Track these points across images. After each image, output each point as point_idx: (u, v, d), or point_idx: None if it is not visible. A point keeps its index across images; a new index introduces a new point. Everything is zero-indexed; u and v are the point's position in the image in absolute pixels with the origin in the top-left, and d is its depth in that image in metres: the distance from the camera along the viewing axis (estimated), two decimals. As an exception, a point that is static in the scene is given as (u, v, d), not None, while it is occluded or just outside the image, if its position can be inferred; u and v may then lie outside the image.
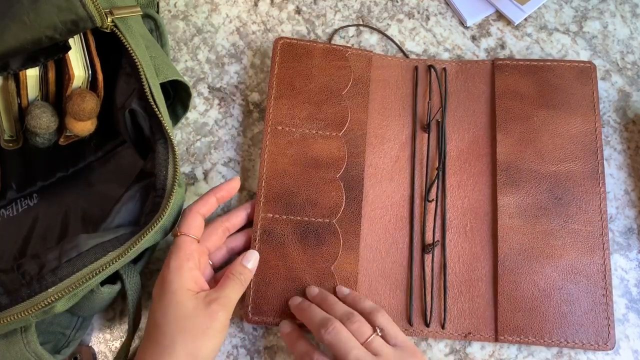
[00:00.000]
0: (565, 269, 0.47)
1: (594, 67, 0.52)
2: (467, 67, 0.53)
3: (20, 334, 0.39)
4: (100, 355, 0.47)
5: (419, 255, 0.48)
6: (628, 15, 0.56)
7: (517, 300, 0.46)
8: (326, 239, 0.47)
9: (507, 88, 0.52)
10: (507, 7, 0.55)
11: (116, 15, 0.41)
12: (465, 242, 0.48)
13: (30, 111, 0.42)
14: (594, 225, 0.48)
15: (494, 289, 0.47)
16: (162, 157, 0.41)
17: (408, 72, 0.53)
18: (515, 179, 0.49)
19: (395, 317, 0.46)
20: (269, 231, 0.47)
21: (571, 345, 0.45)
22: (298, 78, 0.51)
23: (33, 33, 0.36)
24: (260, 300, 0.46)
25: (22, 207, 0.50)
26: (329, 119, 0.50)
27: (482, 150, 0.51)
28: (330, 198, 0.48)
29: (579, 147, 0.50)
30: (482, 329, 0.46)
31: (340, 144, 0.50)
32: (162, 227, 0.40)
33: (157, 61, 0.45)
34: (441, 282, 0.47)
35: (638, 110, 0.53)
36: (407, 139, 0.51)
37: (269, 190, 0.48)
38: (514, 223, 0.48)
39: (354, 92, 0.51)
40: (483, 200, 0.49)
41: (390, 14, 0.57)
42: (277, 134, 0.50)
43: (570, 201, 0.48)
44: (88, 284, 0.37)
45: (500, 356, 0.46)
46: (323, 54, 0.52)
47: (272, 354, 0.47)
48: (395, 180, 0.50)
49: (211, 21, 0.57)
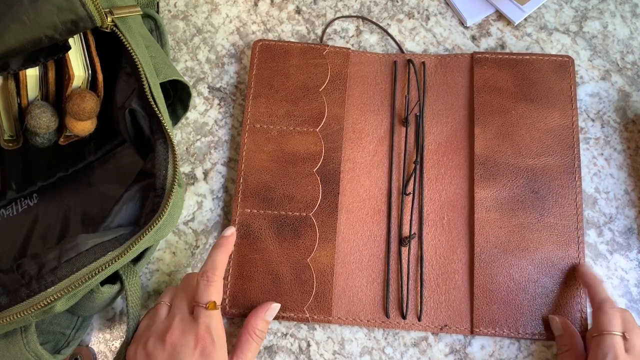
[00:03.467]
0: (541, 262, 0.47)
1: (572, 61, 0.52)
2: (446, 61, 0.54)
3: (20, 334, 0.39)
4: (100, 355, 0.47)
5: (395, 247, 0.48)
6: (628, 15, 0.56)
7: (493, 293, 0.46)
8: (302, 232, 0.48)
9: (485, 82, 0.52)
10: (507, 7, 0.55)
11: (116, 15, 0.41)
12: (442, 235, 0.49)
13: (30, 111, 0.42)
14: (570, 219, 0.48)
15: (470, 281, 0.47)
16: (162, 157, 0.41)
17: (387, 67, 0.54)
18: (493, 173, 0.49)
19: (372, 310, 0.47)
20: (246, 226, 0.48)
21: (546, 338, 0.45)
22: (276, 77, 0.52)
23: (33, 33, 0.36)
24: (237, 293, 0.47)
25: (22, 207, 0.50)
26: (306, 115, 0.51)
27: (460, 144, 0.51)
28: (307, 192, 0.49)
29: (556, 141, 0.50)
30: (458, 321, 0.46)
31: (317, 139, 0.50)
32: (162, 227, 0.40)
33: (157, 61, 0.45)
34: (418, 275, 0.47)
35: (638, 110, 0.53)
36: (386, 133, 0.52)
37: (247, 187, 0.49)
38: (491, 216, 0.48)
39: (331, 88, 0.52)
40: (460, 193, 0.50)
41: (390, 14, 0.57)
42: (255, 132, 0.51)
43: (546, 195, 0.49)
44: (88, 283, 0.37)
45: (500, 356, 0.46)
46: (301, 53, 0.53)
47: (272, 354, 0.47)
48: (373, 174, 0.50)
49: (211, 21, 0.57)
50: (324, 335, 0.47)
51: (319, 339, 0.47)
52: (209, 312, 0.41)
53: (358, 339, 0.47)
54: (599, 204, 0.50)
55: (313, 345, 0.47)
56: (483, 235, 0.48)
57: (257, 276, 0.47)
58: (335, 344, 0.47)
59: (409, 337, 0.47)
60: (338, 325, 0.47)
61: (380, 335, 0.47)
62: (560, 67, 0.52)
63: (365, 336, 0.47)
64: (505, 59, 0.53)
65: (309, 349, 0.47)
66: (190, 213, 0.51)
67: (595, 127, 0.52)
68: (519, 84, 0.52)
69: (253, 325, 0.44)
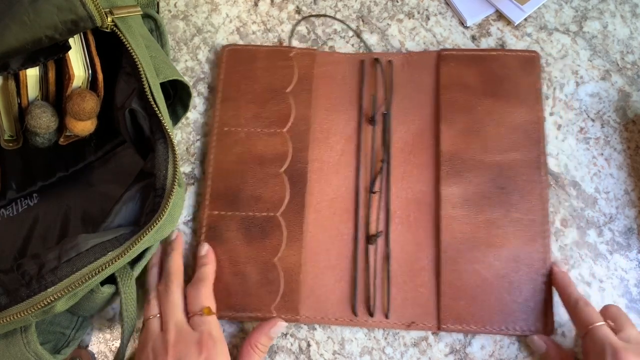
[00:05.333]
0: (507, 257, 0.47)
1: (539, 56, 0.52)
2: (413, 59, 0.54)
3: (20, 334, 0.39)
4: (100, 355, 0.47)
5: (363, 246, 0.48)
6: (628, 15, 0.56)
7: (460, 289, 0.46)
8: (270, 231, 0.48)
9: (451, 79, 0.52)
10: (507, 7, 0.55)
11: (116, 15, 0.41)
12: (409, 233, 0.49)
13: (30, 111, 0.42)
14: (536, 214, 0.48)
15: (437, 278, 0.47)
16: (162, 157, 0.41)
17: (354, 66, 0.54)
18: (459, 169, 0.49)
19: (340, 308, 0.47)
20: (214, 227, 0.48)
21: (512, 332, 0.45)
22: (244, 81, 0.53)
23: (33, 33, 0.36)
24: None
25: (22, 207, 0.50)
26: (273, 117, 0.51)
27: (426, 142, 0.51)
28: (275, 192, 0.49)
29: (523, 137, 0.50)
30: (425, 318, 0.46)
31: (284, 139, 0.50)
32: (162, 227, 0.40)
33: (157, 61, 0.45)
34: (385, 273, 0.47)
35: (638, 110, 0.53)
36: (353, 133, 0.52)
37: (215, 189, 0.49)
38: (457, 213, 0.48)
39: (298, 89, 0.52)
40: (427, 191, 0.50)
41: (390, 14, 0.57)
42: (223, 135, 0.51)
43: (512, 190, 0.49)
44: (88, 283, 0.37)
45: (500, 356, 0.46)
46: (268, 56, 0.53)
47: (272, 354, 0.47)
48: (340, 173, 0.50)
49: (211, 21, 0.57)
50: (324, 335, 0.47)
51: (319, 339, 0.47)
52: (206, 318, 0.41)
53: (358, 339, 0.47)
54: (599, 204, 0.50)
55: (313, 345, 0.47)
56: (449, 232, 0.48)
57: (225, 277, 0.47)
58: (335, 344, 0.47)
59: (409, 337, 0.47)
60: (338, 325, 0.47)
61: (380, 335, 0.47)
62: (526, 62, 0.52)
63: (365, 336, 0.47)
64: (472, 55, 0.53)
65: (309, 349, 0.47)
66: (190, 213, 0.51)
67: (595, 127, 0.52)
68: (485, 80, 0.52)
69: (256, 339, 0.44)
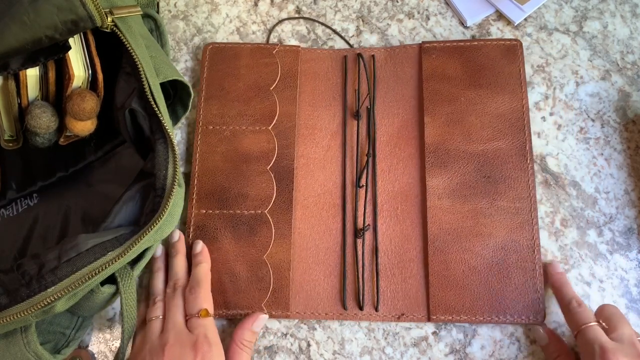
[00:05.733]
0: (496, 246, 0.47)
1: (520, 44, 0.53)
2: (395, 53, 0.54)
3: (20, 334, 0.39)
4: (100, 355, 0.47)
5: (351, 240, 0.49)
6: (628, 15, 0.56)
7: (448, 280, 0.47)
8: (258, 229, 0.48)
9: (434, 70, 0.52)
10: (507, 7, 0.55)
11: (116, 15, 0.41)
12: (397, 225, 0.49)
13: (30, 111, 0.42)
14: (523, 202, 0.48)
15: (425, 269, 0.47)
16: (162, 157, 0.41)
17: (337, 62, 0.54)
18: (444, 160, 0.49)
19: (330, 302, 0.47)
20: (202, 227, 0.48)
21: (502, 321, 0.46)
22: (227, 79, 0.53)
23: (33, 33, 0.36)
24: None
25: (22, 207, 0.50)
26: (258, 114, 0.51)
27: (411, 134, 0.51)
28: (262, 189, 0.49)
29: (507, 125, 0.50)
30: (415, 309, 0.47)
31: (270, 136, 0.51)
32: (162, 227, 0.40)
33: (157, 61, 0.45)
34: (373, 266, 0.48)
35: (638, 110, 0.53)
36: (338, 128, 0.52)
37: (201, 188, 0.49)
38: (443, 204, 0.48)
39: (282, 86, 0.52)
40: (413, 183, 0.50)
41: (390, 14, 0.57)
42: (207, 134, 0.51)
43: (498, 179, 0.49)
44: (87, 283, 0.37)
45: (500, 356, 0.46)
46: (251, 54, 0.53)
47: (272, 354, 0.47)
48: (327, 169, 0.51)
49: (211, 21, 0.57)
50: (324, 335, 0.47)
51: (319, 338, 0.47)
52: (203, 320, 0.42)
53: (358, 338, 0.47)
54: (599, 204, 0.50)
55: (313, 345, 0.47)
56: (436, 222, 0.48)
57: (214, 276, 0.47)
58: (335, 344, 0.47)
59: (409, 337, 0.47)
60: (338, 325, 0.47)
61: (380, 335, 0.47)
62: (508, 50, 0.52)
63: (365, 336, 0.47)
64: (453, 46, 0.53)
65: (309, 349, 0.47)
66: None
67: (595, 127, 0.52)
68: (468, 71, 0.52)
69: (240, 336, 0.44)
